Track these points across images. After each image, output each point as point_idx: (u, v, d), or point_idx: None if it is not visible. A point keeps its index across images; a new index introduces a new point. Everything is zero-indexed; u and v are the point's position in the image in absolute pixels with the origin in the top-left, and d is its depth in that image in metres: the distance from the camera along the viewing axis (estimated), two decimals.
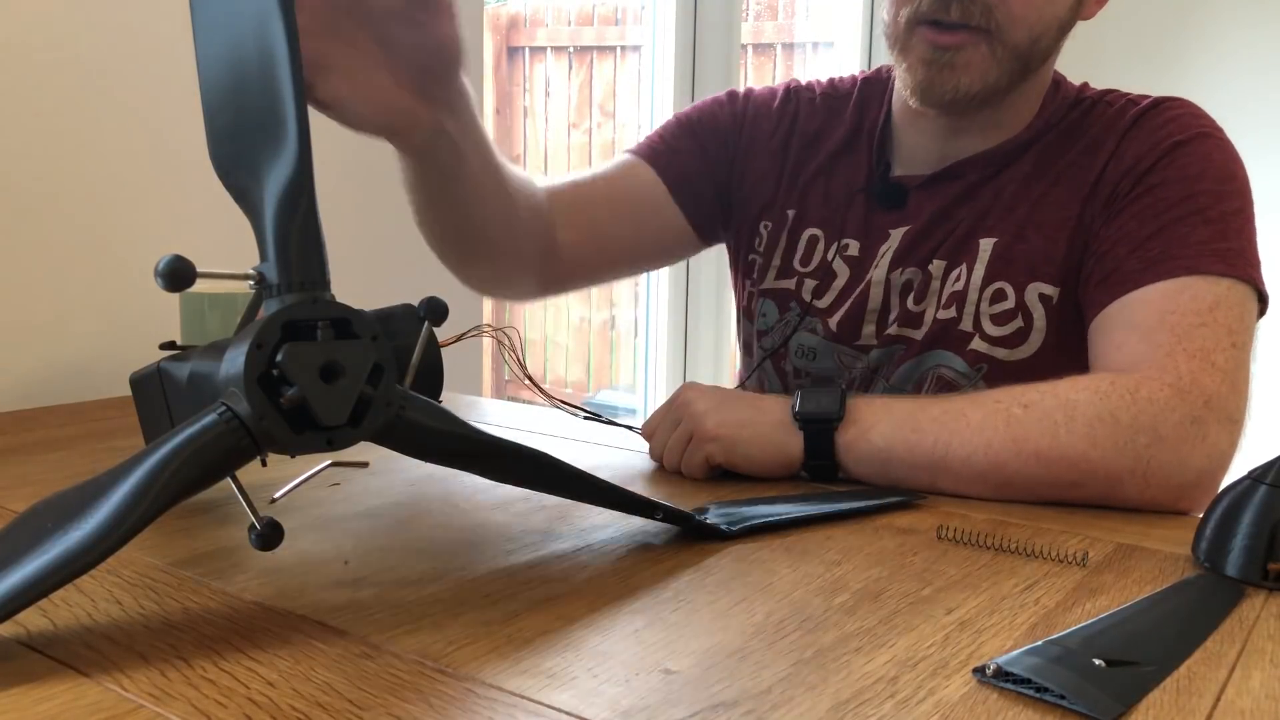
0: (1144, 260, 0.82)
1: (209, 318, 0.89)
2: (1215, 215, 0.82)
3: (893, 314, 0.96)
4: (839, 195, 0.99)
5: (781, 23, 3.00)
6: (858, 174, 0.99)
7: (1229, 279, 0.79)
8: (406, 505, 0.69)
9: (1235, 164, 0.86)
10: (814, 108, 1.04)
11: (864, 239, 0.97)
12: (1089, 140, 0.90)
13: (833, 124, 1.02)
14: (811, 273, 1.00)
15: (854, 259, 0.98)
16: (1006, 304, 0.90)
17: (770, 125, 1.04)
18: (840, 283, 0.98)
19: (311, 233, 0.50)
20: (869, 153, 0.99)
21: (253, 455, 0.48)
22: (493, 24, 3.12)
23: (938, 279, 0.93)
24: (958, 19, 0.84)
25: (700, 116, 1.06)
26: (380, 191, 1.35)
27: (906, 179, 0.97)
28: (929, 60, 0.86)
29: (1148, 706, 0.43)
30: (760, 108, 1.06)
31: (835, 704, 0.43)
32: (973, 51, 0.85)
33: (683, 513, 0.63)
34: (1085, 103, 0.93)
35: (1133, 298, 0.81)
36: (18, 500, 0.68)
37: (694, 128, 1.05)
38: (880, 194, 0.97)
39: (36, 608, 0.49)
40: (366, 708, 0.41)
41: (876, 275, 0.96)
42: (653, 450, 0.82)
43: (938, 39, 0.85)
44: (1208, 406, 0.73)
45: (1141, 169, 0.86)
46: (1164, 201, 0.84)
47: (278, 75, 0.50)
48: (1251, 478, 0.59)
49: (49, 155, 1.02)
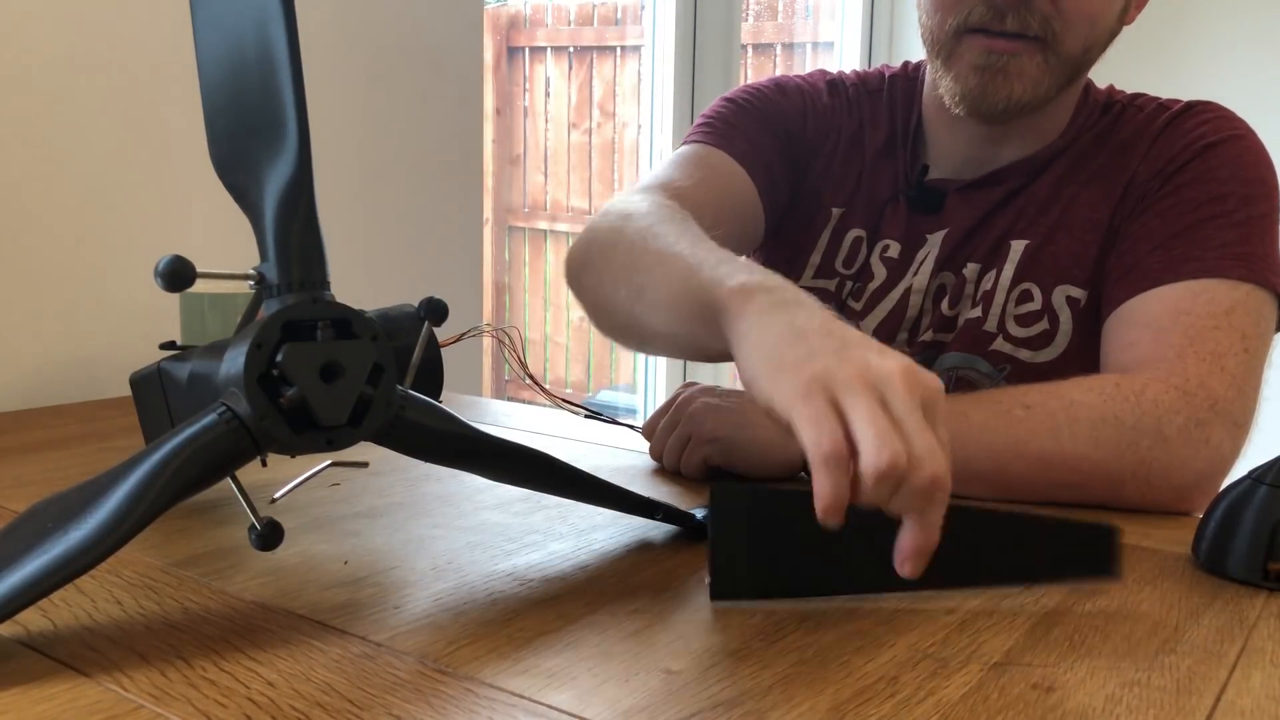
0: (1165, 259, 0.81)
1: (209, 318, 0.89)
2: (1241, 218, 0.81)
3: (926, 319, 0.94)
4: (881, 197, 0.97)
5: (781, 23, 3.00)
6: (896, 175, 0.97)
7: (1249, 284, 0.79)
8: (406, 505, 0.69)
9: (1266, 168, 0.85)
10: (852, 103, 1.00)
11: (904, 242, 0.95)
12: (1120, 144, 0.90)
13: (872, 122, 0.99)
14: (853, 274, 0.97)
15: (893, 261, 0.95)
16: (1033, 305, 0.89)
17: (826, 119, 0.99)
18: (876, 284, 0.96)
19: (311, 233, 0.50)
20: (905, 154, 0.97)
21: (253, 455, 0.48)
22: (493, 24, 3.13)
23: (972, 282, 0.92)
24: (1015, 29, 0.81)
25: (765, 106, 0.98)
26: (380, 191, 1.35)
27: (943, 183, 0.94)
28: (982, 66, 0.83)
29: (1148, 706, 0.43)
30: (814, 101, 1.00)
31: (835, 704, 0.42)
32: (1027, 60, 0.83)
33: (683, 513, 0.63)
34: (1116, 107, 0.93)
35: (1149, 296, 0.80)
36: (18, 500, 0.68)
37: (764, 117, 0.97)
38: (917, 197, 0.94)
39: (36, 608, 0.49)
40: (366, 708, 0.41)
41: (917, 283, 0.93)
42: (652, 450, 0.82)
43: (993, 44, 0.82)
44: (1213, 410, 0.73)
45: (1171, 169, 0.85)
46: (1190, 202, 0.83)
47: (278, 75, 0.49)
48: (1252, 478, 0.59)
49: (49, 155, 1.02)
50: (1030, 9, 0.81)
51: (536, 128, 3.22)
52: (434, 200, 1.42)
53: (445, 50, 1.41)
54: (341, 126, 1.29)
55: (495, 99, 3.14)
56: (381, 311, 0.65)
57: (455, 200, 1.45)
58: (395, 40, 1.34)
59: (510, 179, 3.29)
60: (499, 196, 3.26)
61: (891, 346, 0.92)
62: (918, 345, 0.94)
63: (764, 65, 2.93)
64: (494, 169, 3.18)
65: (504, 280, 3.38)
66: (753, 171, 0.93)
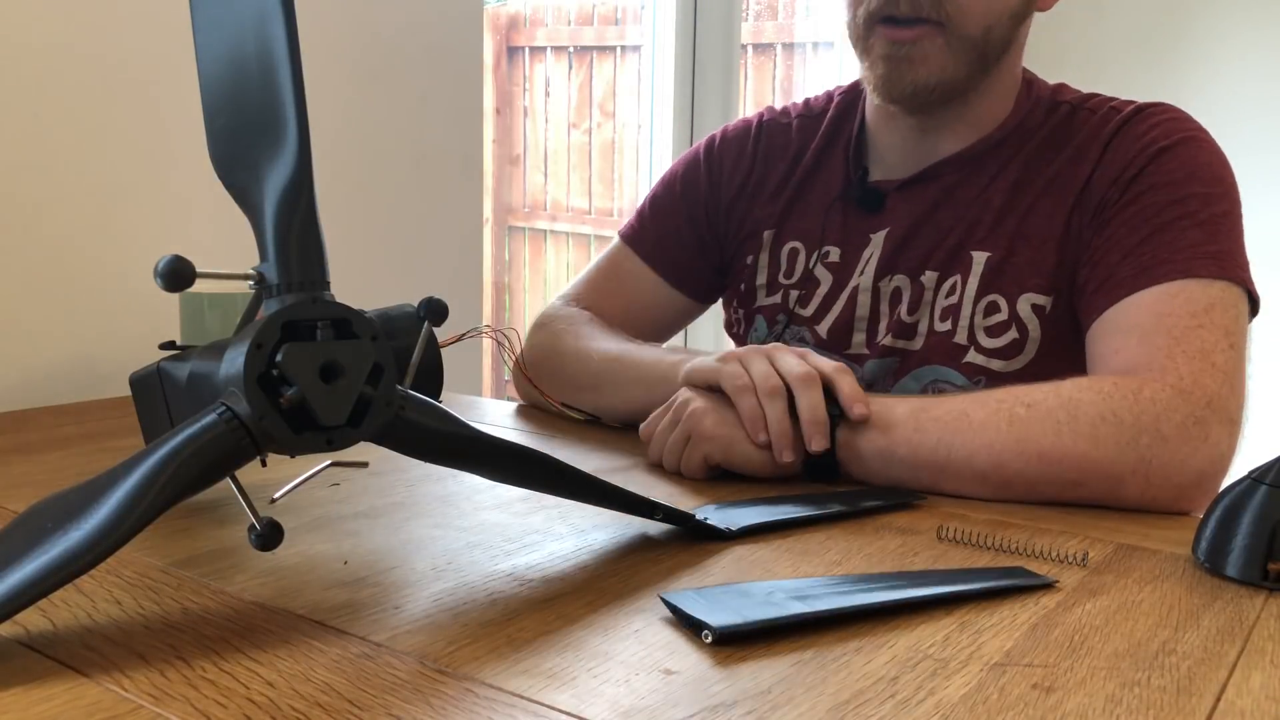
0: (1137, 266, 0.82)
1: (209, 318, 0.89)
2: (1205, 218, 0.83)
3: (883, 322, 0.97)
4: (817, 206, 1.02)
5: (781, 23, 3.00)
6: (835, 182, 1.01)
7: (1222, 281, 0.80)
8: (406, 505, 0.69)
9: (1221, 166, 0.87)
10: (788, 135, 1.06)
11: (844, 245, 0.99)
12: (1073, 149, 0.91)
13: (807, 143, 1.04)
14: (795, 283, 1.02)
15: (835, 265, 1.00)
16: (1000, 316, 0.91)
17: (746, 166, 1.06)
18: (824, 290, 1.00)
19: (311, 233, 0.50)
20: (845, 160, 1.01)
21: (253, 455, 0.48)
22: (493, 24, 3.12)
23: (930, 289, 0.94)
24: (909, 13, 0.86)
25: (682, 187, 1.09)
26: (380, 191, 1.35)
27: (883, 183, 0.98)
28: (888, 55, 0.89)
29: (1148, 706, 0.43)
30: (731, 153, 1.08)
31: (835, 704, 0.42)
32: (929, 44, 0.87)
33: (683, 513, 0.63)
34: (1064, 108, 0.94)
35: (1128, 303, 0.82)
36: (18, 500, 0.68)
37: (677, 199, 1.09)
38: (858, 199, 0.99)
39: (36, 608, 0.49)
40: (366, 708, 0.41)
41: (863, 282, 0.97)
42: (652, 451, 0.82)
43: (894, 34, 0.88)
44: (1209, 407, 0.73)
45: (1128, 176, 0.87)
46: (1153, 207, 0.84)
47: (278, 75, 0.49)
48: (1251, 478, 0.59)
49: (49, 155, 1.02)
50: None
51: (536, 127, 3.22)
52: (434, 200, 1.42)
53: (445, 50, 1.41)
54: (341, 126, 1.29)
55: (495, 99, 3.14)
56: (381, 311, 0.65)
57: (455, 200, 1.45)
58: (395, 40, 1.34)
59: (510, 179, 3.28)
60: (499, 196, 3.26)
61: (848, 349, 0.98)
62: (877, 349, 0.96)
63: (764, 65, 2.93)
64: (494, 169, 3.18)
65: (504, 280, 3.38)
66: (657, 266, 1.08)
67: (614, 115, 3.09)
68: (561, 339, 0.99)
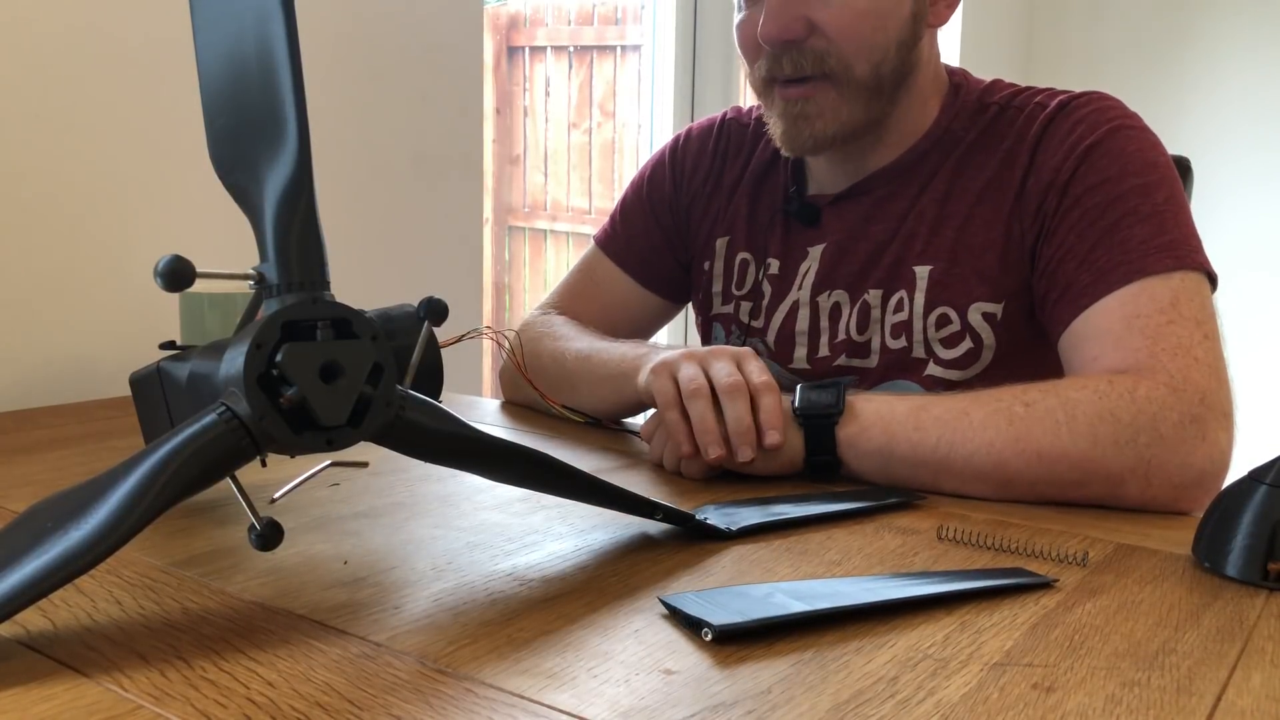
0: (1094, 272, 0.82)
1: (209, 318, 0.89)
2: (1148, 211, 0.82)
3: (823, 337, 0.97)
4: (762, 217, 1.03)
5: None
6: (777, 194, 1.02)
7: (1179, 271, 0.80)
8: (406, 505, 0.69)
9: (1153, 150, 0.86)
10: (744, 136, 1.07)
11: (784, 258, 1.00)
12: (1004, 153, 0.91)
13: (758, 147, 1.05)
14: (745, 294, 1.03)
15: (775, 278, 1.00)
16: (953, 327, 0.90)
17: (706, 165, 1.08)
18: (765, 303, 1.01)
19: (311, 233, 0.50)
20: (785, 174, 1.02)
21: (253, 455, 0.48)
22: (493, 24, 3.12)
23: (877, 308, 0.94)
24: (793, 74, 0.88)
25: (649, 189, 1.11)
26: (380, 191, 1.35)
27: (818, 198, 0.99)
28: (784, 114, 0.91)
29: (1148, 706, 0.43)
30: (693, 152, 1.09)
31: (835, 704, 0.43)
32: (823, 98, 0.89)
33: (683, 513, 0.63)
34: (992, 109, 0.93)
35: (1093, 310, 0.81)
36: (18, 500, 0.68)
37: (644, 201, 1.10)
38: (796, 213, 0.99)
39: (36, 608, 0.49)
40: (366, 708, 0.41)
41: (802, 296, 0.98)
42: (652, 451, 0.82)
43: (787, 94, 0.90)
44: (1204, 404, 0.73)
45: (1061, 181, 0.86)
46: (1095, 210, 0.84)
47: (278, 75, 0.49)
48: (1251, 478, 0.59)
49: (49, 155, 1.02)
50: (801, 51, 0.88)
51: (536, 127, 3.22)
52: (434, 200, 1.42)
53: (445, 50, 1.41)
54: (341, 126, 1.29)
55: (495, 99, 3.14)
56: (381, 311, 0.65)
57: (455, 200, 1.45)
58: (395, 40, 1.34)
59: (510, 179, 3.28)
60: (499, 196, 3.26)
61: (791, 364, 0.99)
62: (820, 361, 0.97)
63: None
64: (494, 169, 3.18)
65: (504, 280, 3.38)
66: (629, 269, 1.10)
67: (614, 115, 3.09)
68: (540, 343, 1.00)
